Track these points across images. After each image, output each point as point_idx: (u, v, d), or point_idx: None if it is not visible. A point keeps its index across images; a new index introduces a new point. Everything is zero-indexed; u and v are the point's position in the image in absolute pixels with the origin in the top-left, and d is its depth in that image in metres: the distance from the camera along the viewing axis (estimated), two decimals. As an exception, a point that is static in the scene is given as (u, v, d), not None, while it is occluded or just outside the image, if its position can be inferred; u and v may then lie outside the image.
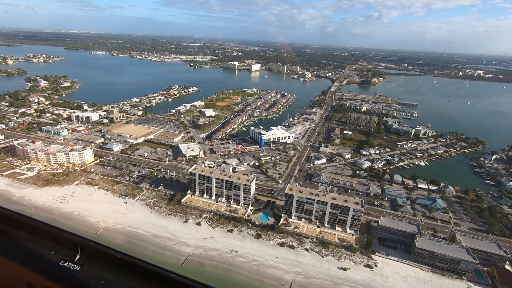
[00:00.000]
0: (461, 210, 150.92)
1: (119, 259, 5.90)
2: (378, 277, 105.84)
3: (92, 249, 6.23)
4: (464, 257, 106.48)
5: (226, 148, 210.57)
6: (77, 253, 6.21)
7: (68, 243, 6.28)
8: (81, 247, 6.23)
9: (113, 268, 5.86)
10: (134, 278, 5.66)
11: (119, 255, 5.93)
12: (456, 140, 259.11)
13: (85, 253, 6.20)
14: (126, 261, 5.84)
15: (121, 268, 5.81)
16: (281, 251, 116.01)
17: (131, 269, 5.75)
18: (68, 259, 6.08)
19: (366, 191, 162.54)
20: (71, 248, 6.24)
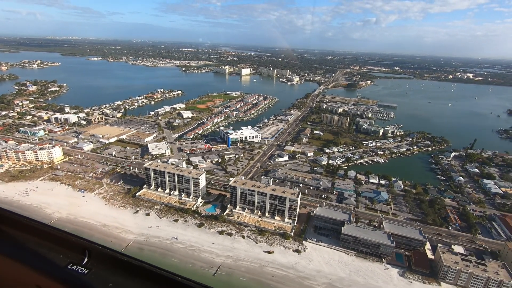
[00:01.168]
0: (403, 202, 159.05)
1: (126, 263, 5.97)
2: (303, 261, 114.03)
3: (99, 252, 6.30)
4: (384, 242, 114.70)
5: (193, 147, 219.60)
6: (85, 256, 6.27)
7: (76, 247, 6.37)
8: (89, 250, 6.32)
9: (120, 271, 5.93)
10: (141, 281, 5.71)
11: (126, 259, 6.01)
12: (422, 139, 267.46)
13: (93, 257, 6.27)
14: (133, 265, 5.90)
15: (128, 272, 5.87)
16: (219, 238, 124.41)
17: (138, 272, 5.80)
18: (76, 263, 6.15)
19: (317, 185, 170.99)
20: (79, 251, 6.32)
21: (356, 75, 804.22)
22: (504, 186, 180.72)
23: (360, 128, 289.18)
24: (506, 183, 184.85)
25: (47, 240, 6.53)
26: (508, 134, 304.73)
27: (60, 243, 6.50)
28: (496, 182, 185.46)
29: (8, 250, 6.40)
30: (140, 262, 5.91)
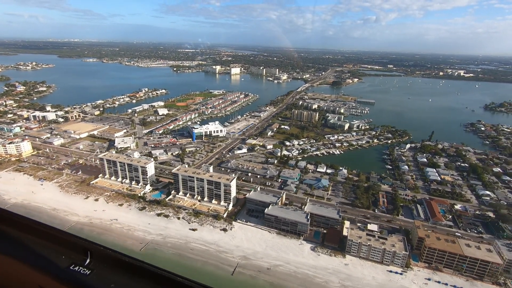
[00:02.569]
0: (341, 188, 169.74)
1: (128, 263, 6.05)
2: (227, 238, 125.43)
3: (101, 253, 6.37)
4: (300, 220, 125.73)
5: (159, 141, 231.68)
6: (87, 257, 6.33)
7: (78, 248, 6.43)
8: (91, 251, 6.38)
9: (122, 271, 6.02)
10: (143, 281, 5.79)
11: (128, 259, 6.09)
12: (386, 132, 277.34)
13: (95, 257, 6.34)
14: (135, 265, 5.98)
15: (130, 272, 5.96)
16: (156, 219, 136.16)
17: (140, 273, 5.89)
18: (78, 263, 6.21)
19: (264, 174, 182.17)
20: (81, 252, 6.38)
21: (346, 73, 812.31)
22: (445, 174, 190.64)
23: (328, 123, 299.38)
24: (448, 171, 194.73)
25: (49, 240, 6.58)
26: (473, 127, 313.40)
27: (62, 244, 6.55)
28: (438, 170, 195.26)
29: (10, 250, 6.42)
30: (141, 263, 5.97)
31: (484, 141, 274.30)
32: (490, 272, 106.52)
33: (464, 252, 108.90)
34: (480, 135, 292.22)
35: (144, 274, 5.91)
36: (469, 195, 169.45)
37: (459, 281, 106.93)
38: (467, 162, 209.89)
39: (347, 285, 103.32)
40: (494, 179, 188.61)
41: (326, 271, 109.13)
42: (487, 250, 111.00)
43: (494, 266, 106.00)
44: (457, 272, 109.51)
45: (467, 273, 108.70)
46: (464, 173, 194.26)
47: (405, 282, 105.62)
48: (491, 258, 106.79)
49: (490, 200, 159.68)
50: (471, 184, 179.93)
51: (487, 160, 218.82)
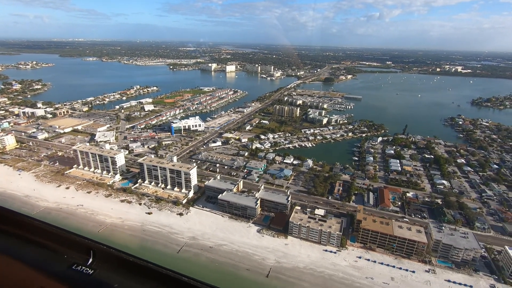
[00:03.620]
0: (302, 178, 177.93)
1: (131, 263, 6.01)
2: (181, 221, 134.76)
3: (104, 253, 6.31)
4: (249, 204, 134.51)
5: (138, 135, 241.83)
6: (89, 257, 6.29)
7: (80, 247, 6.38)
8: (94, 251, 6.34)
9: (126, 271, 5.98)
10: (146, 281, 5.76)
11: (131, 259, 6.04)
12: (363, 126, 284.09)
13: (98, 257, 6.29)
14: (138, 265, 5.94)
15: (133, 272, 5.93)
16: (119, 205, 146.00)
17: (143, 272, 5.87)
18: (81, 263, 6.17)
19: (231, 164, 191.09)
20: (83, 252, 6.32)
21: (341, 70, 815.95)
22: (408, 165, 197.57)
23: (307, 118, 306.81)
24: (411, 162, 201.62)
25: (51, 240, 6.49)
26: (452, 122, 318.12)
27: (65, 243, 6.46)
28: (402, 161, 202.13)
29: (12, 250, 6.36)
30: (145, 262, 5.92)
31: (458, 134, 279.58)
32: (417, 251, 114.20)
33: (394, 232, 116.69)
34: (457, 128, 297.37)
35: (147, 274, 5.82)
36: (425, 184, 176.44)
37: (388, 259, 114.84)
38: (433, 154, 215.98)
39: (281, 262, 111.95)
40: (455, 170, 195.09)
41: (266, 250, 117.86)
42: (417, 231, 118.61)
43: (420, 245, 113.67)
44: (388, 251, 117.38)
45: (397, 252, 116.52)
46: (427, 164, 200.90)
47: (336, 260, 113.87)
48: (418, 238, 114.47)
49: (443, 189, 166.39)
50: (430, 174, 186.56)
51: (454, 152, 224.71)
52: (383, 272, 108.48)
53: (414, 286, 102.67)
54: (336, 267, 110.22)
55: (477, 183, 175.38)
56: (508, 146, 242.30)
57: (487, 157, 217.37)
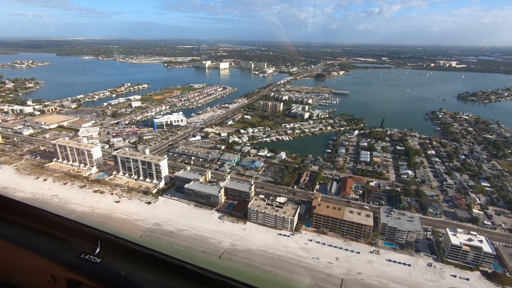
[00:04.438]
0: (273, 169, 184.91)
1: (138, 252, 6.18)
2: (148, 209, 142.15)
3: (111, 242, 6.53)
4: (213, 193, 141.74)
5: (120, 130, 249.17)
6: (97, 246, 6.48)
7: (88, 237, 6.58)
8: (101, 240, 6.53)
9: (133, 260, 6.14)
10: (153, 270, 5.92)
11: (138, 248, 6.20)
12: (343, 120, 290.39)
13: (105, 246, 6.50)
14: (145, 253, 6.10)
15: (140, 260, 6.08)
16: (92, 195, 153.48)
17: (150, 261, 6.01)
18: (89, 252, 6.37)
19: (206, 157, 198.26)
20: (91, 241, 6.54)
21: (335, 66, 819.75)
22: (377, 156, 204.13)
23: (290, 113, 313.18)
24: (380, 154, 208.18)
25: (59, 230, 6.69)
26: (433, 115, 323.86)
27: (73, 233, 6.68)
28: (373, 153, 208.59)
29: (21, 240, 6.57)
30: (151, 251, 6.08)
31: (436, 127, 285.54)
32: (364, 234, 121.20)
33: (344, 217, 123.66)
34: (436, 122, 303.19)
35: (155, 262, 5.99)
36: (391, 174, 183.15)
37: (338, 241, 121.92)
38: (405, 146, 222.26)
39: (236, 245, 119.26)
40: (423, 161, 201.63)
41: (224, 234, 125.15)
42: (366, 215, 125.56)
43: (367, 228, 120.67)
44: (338, 234, 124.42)
45: (347, 235, 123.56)
46: (397, 155, 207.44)
47: (288, 243, 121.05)
48: (365, 222, 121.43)
49: (406, 178, 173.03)
50: (398, 164, 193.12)
51: (426, 144, 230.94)
52: (330, 253, 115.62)
53: (357, 265, 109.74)
54: (286, 248, 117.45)
55: (440, 173, 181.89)
56: (481, 138, 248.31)
57: (458, 148, 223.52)
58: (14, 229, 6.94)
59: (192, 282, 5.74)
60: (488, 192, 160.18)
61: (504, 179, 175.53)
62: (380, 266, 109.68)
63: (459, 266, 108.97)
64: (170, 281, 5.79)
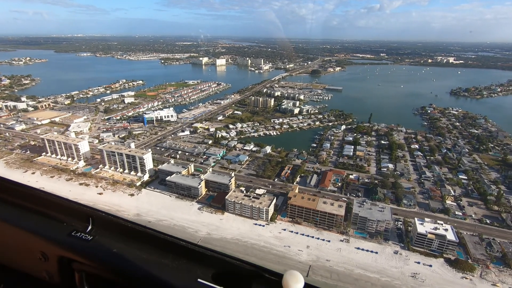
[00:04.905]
0: (256, 163, 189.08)
1: (130, 229, 6.18)
2: (131, 201, 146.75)
3: (103, 219, 6.47)
4: (193, 185, 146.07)
5: (111, 125, 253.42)
6: (88, 224, 6.43)
7: (79, 214, 6.52)
8: (93, 218, 6.47)
9: (124, 237, 6.13)
10: (145, 247, 5.93)
11: (130, 225, 6.19)
12: (332, 116, 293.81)
13: (97, 224, 6.44)
14: (137, 231, 6.09)
15: (133, 238, 6.08)
16: (77, 188, 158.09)
17: (142, 238, 6.03)
18: (80, 230, 6.32)
19: (192, 151, 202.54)
20: (82, 219, 6.47)
21: (332, 63, 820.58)
22: (361, 150, 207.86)
23: (280, 108, 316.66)
24: (364, 148, 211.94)
25: (50, 208, 6.62)
26: (422, 111, 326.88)
27: (64, 210, 6.62)
28: (358, 147, 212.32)
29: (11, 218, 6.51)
30: (144, 228, 6.06)
31: (423, 122, 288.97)
32: (336, 223, 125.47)
33: (317, 207, 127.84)
34: (424, 117, 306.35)
35: (147, 240, 5.99)
36: (373, 167, 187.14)
37: (311, 231, 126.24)
38: (389, 140, 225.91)
39: (212, 234, 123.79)
40: (405, 154, 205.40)
41: (201, 224, 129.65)
42: (339, 206, 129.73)
43: (339, 218, 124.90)
44: (312, 224, 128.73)
45: (320, 225, 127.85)
46: (380, 150, 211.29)
47: (263, 232, 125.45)
48: (337, 212, 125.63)
49: (386, 171, 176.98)
50: (380, 158, 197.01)
51: (411, 138, 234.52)
52: (301, 241, 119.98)
53: (326, 253, 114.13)
54: (260, 237, 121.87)
55: (420, 166, 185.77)
56: (467, 133, 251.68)
57: (441, 143, 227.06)
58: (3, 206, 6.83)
59: (186, 259, 5.68)
60: (464, 184, 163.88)
61: (482, 172, 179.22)
62: (348, 253, 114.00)
63: (424, 254, 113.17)
64: (164, 258, 5.74)
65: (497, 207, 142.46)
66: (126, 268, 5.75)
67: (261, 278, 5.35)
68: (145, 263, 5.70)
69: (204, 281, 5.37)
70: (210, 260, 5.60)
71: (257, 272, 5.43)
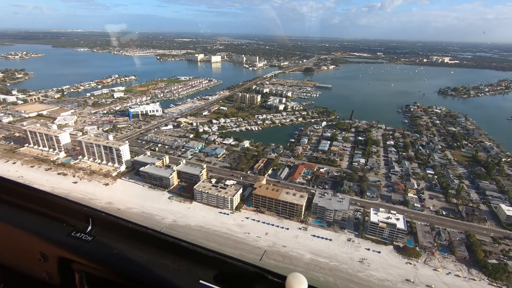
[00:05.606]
0: (232, 156, 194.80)
1: (131, 229, 6.10)
2: (105, 190, 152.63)
3: (103, 220, 6.39)
4: (165, 175, 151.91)
5: (96, 119, 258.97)
6: (88, 224, 6.35)
7: (79, 215, 6.45)
8: (93, 218, 6.39)
9: (125, 238, 6.06)
10: (146, 248, 5.85)
11: (131, 225, 6.11)
12: (316, 113, 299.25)
13: (97, 224, 6.37)
14: (138, 231, 6.01)
15: (133, 238, 6.00)
16: (55, 177, 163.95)
17: (143, 239, 5.93)
18: (80, 230, 6.25)
19: (171, 144, 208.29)
20: (82, 219, 6.40)
21: (327, 61, 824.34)
22: (336, 145, 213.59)
23: (266, 105, 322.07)
24: (340, 143, 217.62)
25: (50, 208, 6.56)
26: (406, 109, 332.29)
27: (64, 211, 6.55)
28: (334, 143, 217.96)
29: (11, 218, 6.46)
30: (144, 229, 6.01)
31: (405, 120, 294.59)
32: (296, 212, 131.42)
33: (279, 197, 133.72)
34: (407, 115, 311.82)
35: (148, 240, 5.93)
36: (345, 162, 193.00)
37: (273, 219, 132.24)
38: (366, 137, 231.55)
39: (178, 221, 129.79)
40: (380, 150, 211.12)
41: (169, 212, 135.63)
42: (300, 196, 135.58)
43: (299, 208, 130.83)
44: (274, 213, 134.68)
45: (282, 214, 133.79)
46: (356, 145, 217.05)
47: (226, 220, 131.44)
48: (297, 201, 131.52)
49: (357, 165, 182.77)
50: (354, 153, 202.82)
51: (388, 135, 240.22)
52: (261, 229, 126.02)
53: (283, 239, 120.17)
54: (223, 225, 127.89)
55: (391, 161, 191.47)
56: (444, 130, 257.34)
57: (417, 139, 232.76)
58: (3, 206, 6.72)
59: (187, 260, 5.65)
60: (429, 178, 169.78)
61: (449, 168, 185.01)
62: (304, 240, 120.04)
63: (376, 241, 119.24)
64: (164, 259, 5.71)
65: (455, 200, 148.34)
66: (127, 269, 5.72)
67: (263, 279, 5.27)
68: (145, 264, 5.67)
69: (206, 283, 5.32)
70: (211, 261, 5.58)
71: (259, 273, 5.35)
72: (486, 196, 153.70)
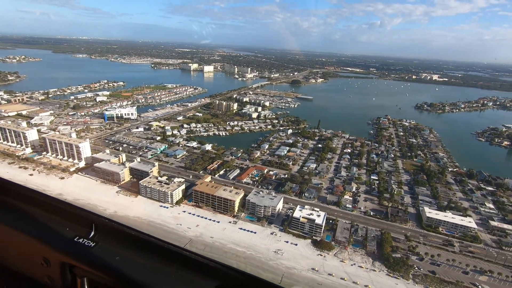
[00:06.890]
0: (191, 157, 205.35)
1: (134, 236, 6.07)
2: (59, 183, 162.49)
3: (106, 226, 6.38)
4: (116, 171, 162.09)
5: (71, 120, 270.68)
6: (91, 230, 6.34)
7: (82, 220, 6.44)
8: (96, 224, 6.39)
9: (128, 245, 6.02)
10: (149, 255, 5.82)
11: (134, 233, 6.09)
12: (288, 121, 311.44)
13: (100, 230, 6.36)
14: (141, 239, 5.99)
15: (136, 245, 5.96)
16: (15, 170, 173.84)
17: (146, 246, 5.92)
18: (83, 236, 6.22)
19: (136, 145, 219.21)
20: (85, 225, 6.38)
21: (317, 74, 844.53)
22: (294, 151, 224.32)
23: (241, 113, 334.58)
24: (297, 150, 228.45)
25: (53, 213, 6.56)
26: (376, 121, 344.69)
27: (67, 216, 6.53)
28: (292, 149, 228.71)
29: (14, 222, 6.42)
30: (147, 236, 5.98)
31: (370, 131, 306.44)
32: (230, 208, 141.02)
33: (215, 193, 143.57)
34: (374, 126, 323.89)
35: (151, 248, 5.92)
36: (298, 166, 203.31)
37: (208, 213, 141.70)
38: (325, 144, 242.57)
39: (118, 212, 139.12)
40: (334, 156, 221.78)
41: (113, 204, 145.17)
42: (235, 193, 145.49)
43: (232, 203, 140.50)
44: (211, 208, 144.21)
45: (218, 209, 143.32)
46: (312, 151, 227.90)
47: (164, 212, 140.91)
48: (231, 197, 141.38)
49: (306, 170, 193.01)
50: (308, 158, 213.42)
51: (348, 143, 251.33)
52: (194, 221, 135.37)
53: (211, 231, 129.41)
54: (159, 217, 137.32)
55: (340, 167, 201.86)
56: (405, 141, 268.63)
57: (374, 149, 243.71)
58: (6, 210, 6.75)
59: (190, 269, 5.64)
60: (370, 183, 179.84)
61: (394, 174, 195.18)
62: (230, 232, 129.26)
63: (296, 235, 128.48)
64: (167, 267, 5.71)
65: (387, 203, 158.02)
66: (129, 276, 5.71)
67: None
68: (148, 272, 5.69)
69: None
70: (215, 272, 5.55)
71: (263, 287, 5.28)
72: (417, 200, 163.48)
